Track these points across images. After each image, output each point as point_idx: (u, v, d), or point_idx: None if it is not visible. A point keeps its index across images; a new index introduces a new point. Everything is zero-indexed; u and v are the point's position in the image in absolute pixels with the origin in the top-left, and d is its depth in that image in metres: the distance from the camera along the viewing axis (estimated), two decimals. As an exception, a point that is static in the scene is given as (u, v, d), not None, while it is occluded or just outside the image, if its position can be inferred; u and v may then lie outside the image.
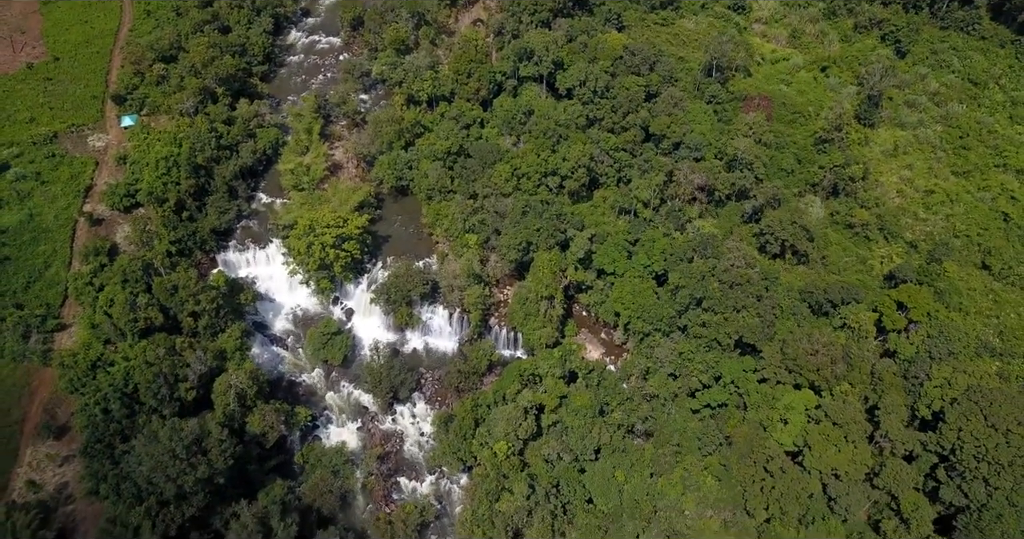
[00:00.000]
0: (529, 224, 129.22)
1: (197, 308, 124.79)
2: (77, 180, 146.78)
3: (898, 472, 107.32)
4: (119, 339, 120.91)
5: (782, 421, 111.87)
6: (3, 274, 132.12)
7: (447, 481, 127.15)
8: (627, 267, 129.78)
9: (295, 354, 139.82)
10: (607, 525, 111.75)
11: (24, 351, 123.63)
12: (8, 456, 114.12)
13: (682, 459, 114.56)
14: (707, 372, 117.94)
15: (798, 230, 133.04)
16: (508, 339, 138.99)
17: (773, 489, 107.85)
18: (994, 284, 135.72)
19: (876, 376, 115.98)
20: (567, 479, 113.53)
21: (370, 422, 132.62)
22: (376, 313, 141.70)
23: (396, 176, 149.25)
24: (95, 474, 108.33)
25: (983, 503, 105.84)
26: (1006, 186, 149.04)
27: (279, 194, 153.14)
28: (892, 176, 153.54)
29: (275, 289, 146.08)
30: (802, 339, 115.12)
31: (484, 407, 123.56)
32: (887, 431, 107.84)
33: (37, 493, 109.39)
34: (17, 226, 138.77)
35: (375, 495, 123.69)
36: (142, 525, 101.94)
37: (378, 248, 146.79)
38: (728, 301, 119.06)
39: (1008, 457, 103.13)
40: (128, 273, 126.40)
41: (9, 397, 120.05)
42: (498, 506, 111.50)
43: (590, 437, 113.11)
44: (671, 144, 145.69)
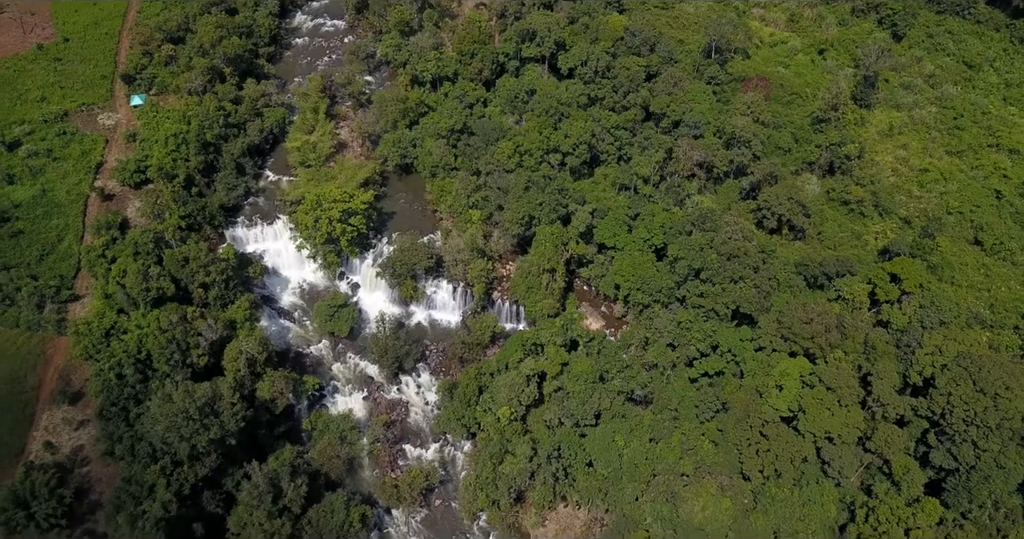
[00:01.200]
0: (531, 198, 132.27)
1: (207, 279, 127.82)
2: (88, 157, 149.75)
3: (889, 436, 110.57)
4: (132, 308, 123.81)
5: (777, 387, 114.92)
6: (17, 247, 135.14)
7: (451, 448, 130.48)
8: (627, 241, 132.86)
9: (302, 326, 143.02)
10: (607, 488, 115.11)
11: (39, 320, 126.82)
12: (25, 420, 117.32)
13: (680, 425, 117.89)
14: (705, 341, 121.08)
15: (795, 205, 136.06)
16: (511, 312, 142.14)
17: (768, 452, 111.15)
18: (986, 259, 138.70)
19: (869, 344, 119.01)
20: (568, 443, 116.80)
21: (376, 392, 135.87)
22: (381, 287, 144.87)
23: (401, 154, 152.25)
24: (110, 436, 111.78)
25: (972, 465, 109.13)
26: (999, 165, 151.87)
27: (286, 172, 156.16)
28: (887, 155, 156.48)
29: (282, 264, 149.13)
30: (797, 308, 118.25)
31: (487, 375, 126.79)
32: (879, 396, 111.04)
33: (54, 455, 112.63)
34: (30, 201, 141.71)
35: (381, 461, 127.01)
36: (157, 483, 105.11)
37: (383, 224, 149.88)
38: (726, 272, 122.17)
39: (996, 420, 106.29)
40: (140, 246, 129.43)
41: (25, 364, 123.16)
42: (501, 469, 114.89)
43: (590, 402, 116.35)
44: (671, 122, 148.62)
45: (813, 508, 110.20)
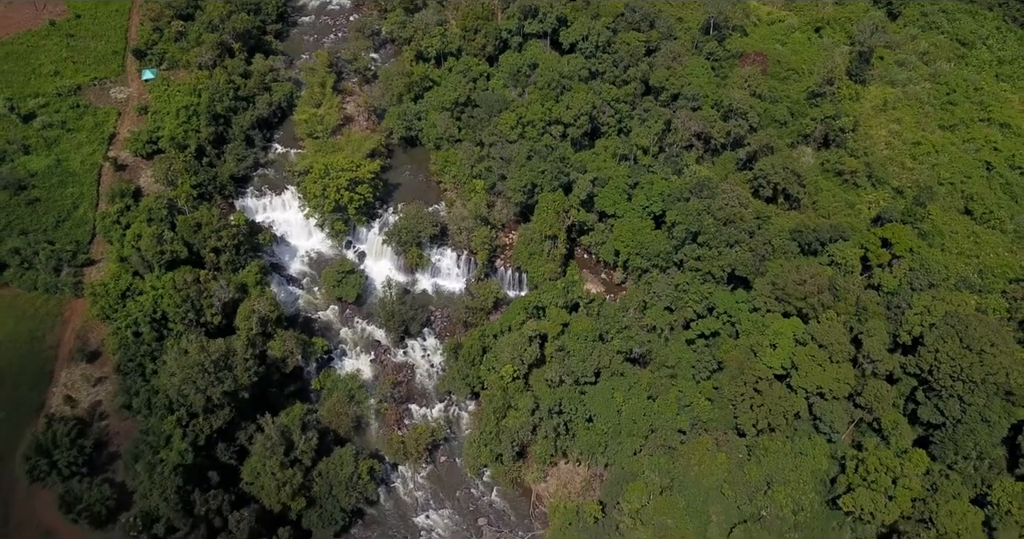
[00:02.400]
0: (534, 167, 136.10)
1: (219, 244, 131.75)
2: (101, 128, 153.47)
3: (879, 391, 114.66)
4: (146, 271, 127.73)
5: (771, 346, 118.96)
6: (34, 214, 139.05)
7: (456, 408, 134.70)
8: (627, 209, 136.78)
9: (311, 293, 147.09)
10: (606, 442, 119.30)
11: (56, 283, 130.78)
12: (45, 377, 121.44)
13: (677, 383, 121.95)
14: (701, 303, 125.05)
15: (789, 174, 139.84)
16: (513, 279, 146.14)
17: (761, 407, 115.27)
18: (975, 227, 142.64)
19: (860, 306, 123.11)
20: (569, 399, 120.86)
21: (383, 355, 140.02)
22: (387, 255, 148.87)
23: (406, 126, 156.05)
24: (128, 390, 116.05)
25: (958, 419, 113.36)
26: (990, 138, 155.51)
27: (294, 145, 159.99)
28: (881, 129, 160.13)
29: (291, 233, 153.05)
30: (791, 270, 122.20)
31: (491, 337, 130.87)
32: (869, 352, 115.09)
33: (73, 408, 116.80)
34: (45, 170, 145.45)
35: (388, 419, 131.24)
36: (173, 434, 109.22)
37: (389, 195, 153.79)
38: (722, 236, 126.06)
39: (981, 375, 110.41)
40: (153, 212, 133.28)
41: (43, 325, 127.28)
42: (504, 423, 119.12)
43: (590, 360, 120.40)
44: (669, 96, 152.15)
45: (805, 460, 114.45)
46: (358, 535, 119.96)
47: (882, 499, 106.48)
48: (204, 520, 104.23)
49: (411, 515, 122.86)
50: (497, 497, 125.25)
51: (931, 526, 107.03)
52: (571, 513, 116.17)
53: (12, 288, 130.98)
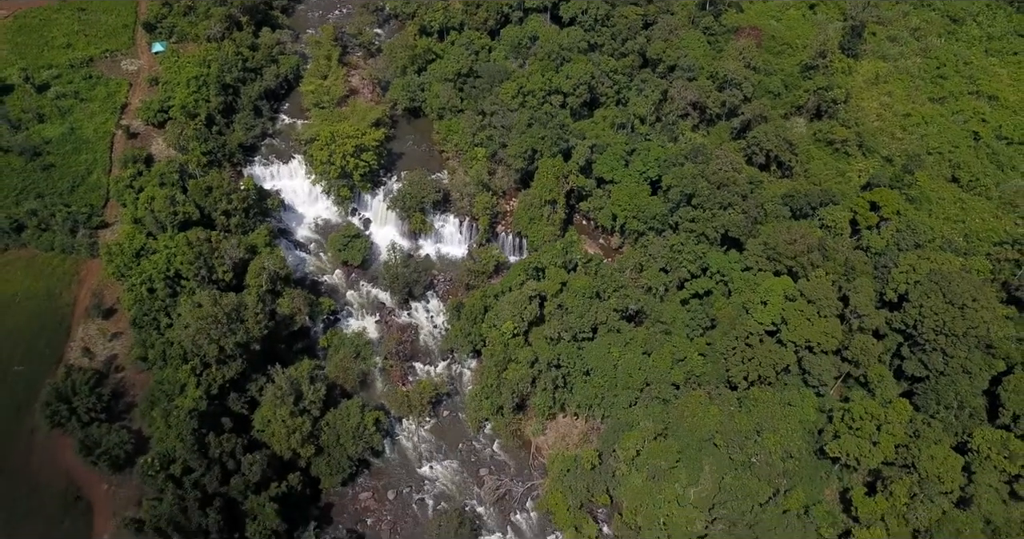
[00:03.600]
0: (534, 133, 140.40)
1: (229, 207, 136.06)
2: (113, 98, 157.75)
3: (865, 345, 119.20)
4: (160, 232, 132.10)
5: (762, 303, 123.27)
6: (49, 179, 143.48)
7: (458, 366, 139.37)
8: (624, 175, 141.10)
9: (317, 257, 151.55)
10: (603, 394, 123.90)
11: (72, 244, 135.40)
12: (62, 332, 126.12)
13: (671, 339, 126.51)
14: (695, 263, 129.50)
15: (782, 142, 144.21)
16: (514, 245, 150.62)
17: (752, 360, 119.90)
18: (962, 194, 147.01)
19: (849, 265, 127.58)
20: (567, 354, 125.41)
21: (387, 316, 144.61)
22: (392, 221, 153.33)
23: (409, 97, 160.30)
24: (143, 342, 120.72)
25: (941, 371, 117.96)
26: (978, 110, 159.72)
27: (300, 116, 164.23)
28: (872, 102, 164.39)
29: (297, 201, 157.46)
30: (782, 231, 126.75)
31: (492, 297, 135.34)
32: (856, 307, 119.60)
33: (91, 360, 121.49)
34: (60, 138, 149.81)
35: (393, 376, 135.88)
36: (188, 382, 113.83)
37: (393, 164, 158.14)
38: (715, 199, 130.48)
39: (963, 328, 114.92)
40: (165, 176, 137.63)
41: (60, 283, 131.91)
42: (505, 375, 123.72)
43: (588, 316, 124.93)
44: (666, 67, 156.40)
45: (793, 410, 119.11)
46: (364, 484, 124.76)
47: (867, 445, 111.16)
48: (218, 462, 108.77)
49: (415, 466, 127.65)
50: (498, 449, 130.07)
51: (913, 471, 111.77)
52: (569, 461, 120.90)
53: (30, 249, 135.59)
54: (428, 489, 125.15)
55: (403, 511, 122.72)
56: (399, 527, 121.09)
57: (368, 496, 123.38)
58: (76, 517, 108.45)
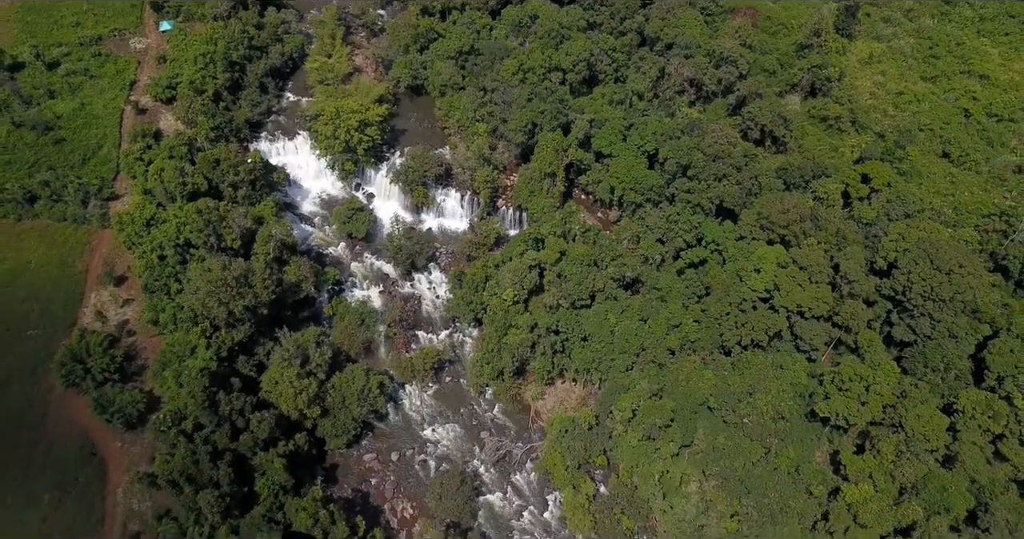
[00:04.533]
0: (534, 107, 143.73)
1: (236, 179, 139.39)
2: (122, 75, 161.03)
3: (855, 310, 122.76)
4: (169, 202, 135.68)
5: (755, 270, 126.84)
6: (61, 152, 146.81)
7: (460, 334, 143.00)
8: (622, 148, 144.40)
9: (322, 231, 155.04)
10: (601, 358, 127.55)
11: (84, 215, 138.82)
12: (75, 298, 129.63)
13: (667, 306, 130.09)
14: (691, 232, 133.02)
15: (776, 117, 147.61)
16: (514, 218, 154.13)
17: (745, 324, 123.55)
18: (952, 169, 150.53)
19: (840, 235, 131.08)
20: (565, 320, 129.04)
21: (391, 286, 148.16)
22: (395, 196, 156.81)
23: (412, 75, 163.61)
24: (155, 307, 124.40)
25: (928, 336, 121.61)
26: (969, 88, 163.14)
27: (305, 93, 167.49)
28: (866, 81, 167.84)
29: (303, 176, 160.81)
30: (775, 201, 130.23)
31: (493, 267, 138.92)
32: (846, 273, 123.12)
33: (104, 324, 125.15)
34: (71, 113, 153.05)
35: (397, 343, 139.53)
36: (198, 344, 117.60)
37: (396, 140, 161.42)
38: (710, 170, 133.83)
39: (949, 293, 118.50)
40: (174, 149, 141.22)
41: (73, 252, 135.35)
42: (506, 340, 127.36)
43: (586, 283, 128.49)
44: (664, 45, 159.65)
45: (785, 373, 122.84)
46: (368, 446, 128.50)
47: (855, 404, 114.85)
48: (228, 420, 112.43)
49: (418, 429, 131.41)
50: (498, 413, 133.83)
51: (900, 430, 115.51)
52: (567, 422, 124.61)
53: (43, 219, 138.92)
54: (430, 451, 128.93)
55: (406, 472, 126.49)
56: (402, 487, 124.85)
57: (372, 457, 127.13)
58: (91, 472, 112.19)
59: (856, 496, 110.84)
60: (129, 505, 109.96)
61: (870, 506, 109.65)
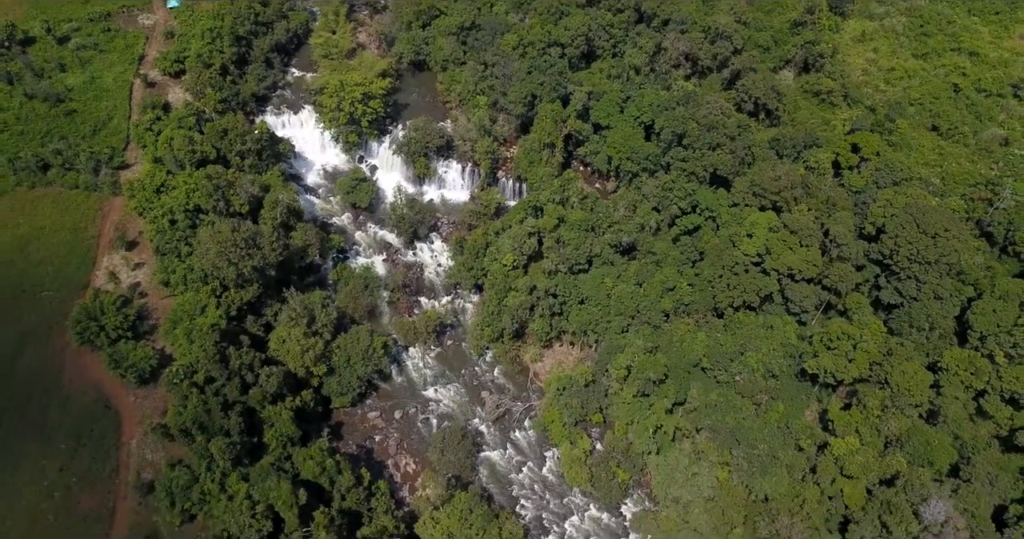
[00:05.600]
0: (534, 79, 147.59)
1: (244, 148, 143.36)
2: (131, 50, 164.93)
3: (843, 272, 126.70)
4: (178, 170, 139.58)
5: (748, 235, 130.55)
6: (72, 123, 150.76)
7: (461, 300, 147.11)
8: (620, 120, 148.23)
9: (327, 201, 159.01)
10: (597, 320, 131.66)
11: (95, 183, 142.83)
12: (88, 261, 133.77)
13: (662, 270, 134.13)
14: (685, 200, 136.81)
15: (770, 90, 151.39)
16: (514, 189, 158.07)
17: (737, 287, 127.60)
18: (941, 142, 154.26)
19: (830, 202, 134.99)
20: (563, 284, 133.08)
21: (394, 255, 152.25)
22: (397, 168, 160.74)
23: (415, 51, 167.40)
24: (166, 268, 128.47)
25: (914, 297, 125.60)
26: (959, 65, 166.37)
27: (309, 69, 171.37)
28: (859, 58, 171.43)
29: (307, 149, 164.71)
30: (767, 169, 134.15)
31: (493, 234, 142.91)
32: (835, 236, 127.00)
33: (116, 285, 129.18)
34: (81, 86, 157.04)
35: (400, 308, 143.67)
36: (208, 303, 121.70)
37: (398, 114, 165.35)
38: (705, 139, 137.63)
39: (935, 256, 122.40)
40: (183, 120, 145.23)
41: (85, 218, 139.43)
42: (505, 302, 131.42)
43: (584, 247, 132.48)
44: (661, 22, 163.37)
45: (775, 332, 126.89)
46: (372, 405, 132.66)
47: (843, 361, 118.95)
48: (238, 374, 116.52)
49: (420, 389, 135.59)
50: (498, 374, 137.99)
51: (886, 386, 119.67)
52: (565, 380, 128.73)
53: (55, 187, 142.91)
54: (433, 409, 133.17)
55: (409, 429, 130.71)
56: (405, 443, 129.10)
57: (376, 415, 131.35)
58: (105, 424, 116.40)
59: (843, 449, 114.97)
60: (143, 455, 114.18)
61: (856, 458, 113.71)
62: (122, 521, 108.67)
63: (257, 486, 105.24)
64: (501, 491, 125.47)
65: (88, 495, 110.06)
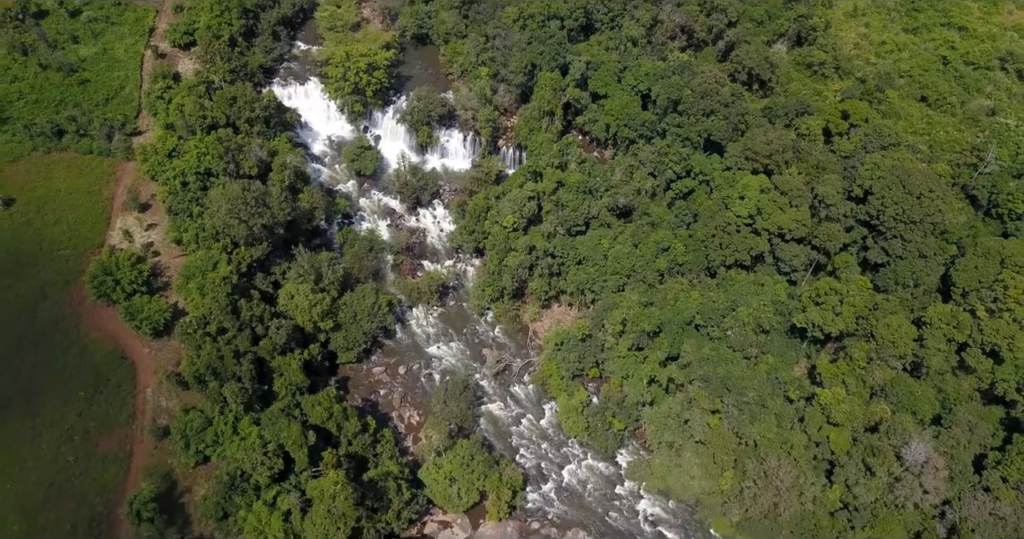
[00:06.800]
0: (534, 49, 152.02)
1: (252, 115, 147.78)
2: (141, 23, 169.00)
3: (831, 231, 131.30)
4: (189, 136, 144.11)
5: (740, 197, 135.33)
6: (86, 92, 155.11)
7: (463, 264, 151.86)
8: (617, 89, 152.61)
9: (332, 169, 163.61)
10: (594, 278, 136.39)
11: (109, 148, 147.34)
12: (103, 222, 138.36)
13: (657, 231, 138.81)
14: (680, 164, 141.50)
15: (763, 61, 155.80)
16: (514, 158, 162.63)
17: (729, 245, 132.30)
18: (929, 111, 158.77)
19: (820, 166, 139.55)
20: (561, 245, 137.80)
21: (398, 220, 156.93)
22: (401, 137, 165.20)
23: (417, 25, 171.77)
24: (178, 227, 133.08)
25: (899, 255, 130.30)
26: (948, 39, 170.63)
27: (315, 42, 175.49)
28: (850, 32, 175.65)
29: (313, 120, 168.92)
30: (759, 134, 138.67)
31: (494, 198, 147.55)
32: (824, 197, 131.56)
33: (130, 243, 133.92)
34: (93, 57, 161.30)
35: (404, 270, 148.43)
36: (219, 260, 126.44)
37: (402, 85, 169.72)
38: (699, 106, 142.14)
39: (919, 215, 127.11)
40: (193, 88, 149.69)
41: (99, 181, 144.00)
42: (505, 262, 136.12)
43: (582, 209, 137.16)
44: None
45: (765, 289, 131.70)
46: (377, 361, 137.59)
47: (830, 315, 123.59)
48: (248, 326, 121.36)
49: (424, 346, 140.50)
50: (499, 333, 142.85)
51: (871, 340, 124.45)
52: (563, 335, 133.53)
53: (70, 152, 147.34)
54: (435, 365, 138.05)
55: (413, 384, 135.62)
56: (409, 397, 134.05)
57: (381, 370, 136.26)
58: (121, 374, 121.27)
59: (829, 398, 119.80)
60: (158, 402, 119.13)
61: (842, 407, 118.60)
62: (138, 463, 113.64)
63: (268, 428, 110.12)
64: (501, 441, 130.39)
65: (106, 439, 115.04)
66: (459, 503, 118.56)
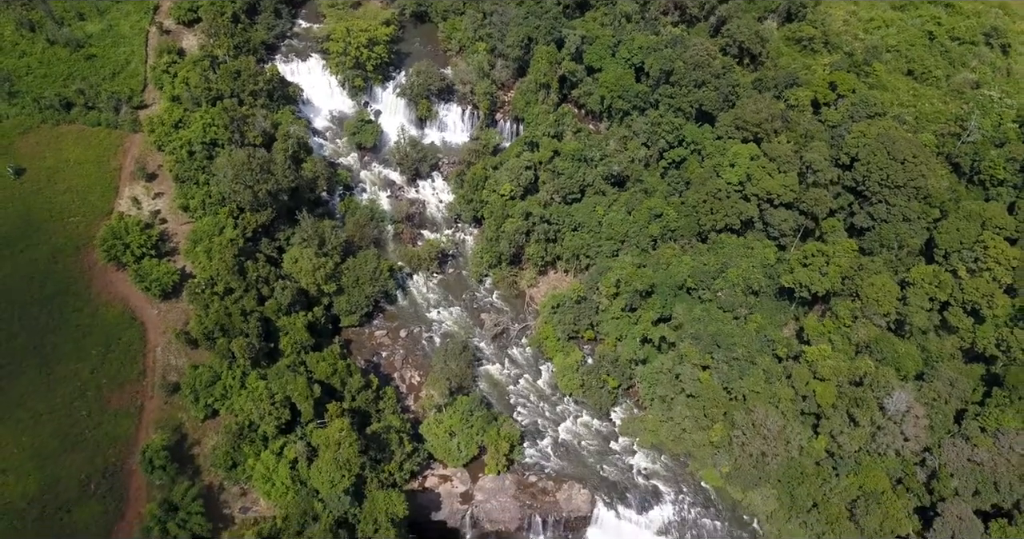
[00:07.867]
0: (530, 23, 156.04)
1: (256, 88, 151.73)
2: (145, 1, 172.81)
3: (818, 196, 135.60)
4: (195, 108, 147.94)
5: (730, 165, 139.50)
6: (93, 67, 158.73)
7: (462, 233, 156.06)
8: (611, 63, 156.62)
9: (334, 143, 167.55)
10: (589, 243, 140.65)
11: (116, 121, 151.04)
12: (111, 190, 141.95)
13: (650, 198, 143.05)
14: (672, 134, 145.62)
15: (754, 35, 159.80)
16: (511, 131, 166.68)
17: (720, 210, 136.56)
18: (915, 85, 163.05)
19: (808, 135, 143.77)
20: (557, 212, 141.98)
21: (398, 191, 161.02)
22: (400, 111, 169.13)
23: (416, 2, 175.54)
24: (185, 194, 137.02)
25: (884, 219, 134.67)
26: (934, 15, 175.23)
27: (316, 20, 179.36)
28: (840, 10, 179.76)
29: (315, 96, 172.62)
30: (749, 103, 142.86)
31: (491, 168, 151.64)
32: (811, 163, 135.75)
33: (139, 210, 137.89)
34: (100, 33, 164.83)
35: (404, 238, 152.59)
36: (226, 225, 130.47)
37: (402, 62, 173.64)
38: (691, 77, 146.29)
39: (903, 180, 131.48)
40: (198, 63, 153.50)
41: (107, 152, 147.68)
42: (503, 228, 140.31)
43: (577, 176, 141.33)
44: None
45: (755, 252, 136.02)
46: (379, 325, 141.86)
47: (816, 275, 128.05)
48: (255, 287, 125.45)
49: (424, 311, 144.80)
50: (496, 299, 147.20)
51: (856, 299, 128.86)
52: (559, 298, 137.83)
53: (78, 124, 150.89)
54: (436, 329, 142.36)
55: (414, 346, 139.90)
56: (410, 359, 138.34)
57: (383, 334, 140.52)
58: (132, 334, 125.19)
59: (816, 354, 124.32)
60: (167, 360, 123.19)
61: (828, 362, 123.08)
62: (149, 417, 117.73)
63: (275, 382, 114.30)
64: (499, 400, 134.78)
65: (118, 394, 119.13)
66: (459, 456, 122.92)
